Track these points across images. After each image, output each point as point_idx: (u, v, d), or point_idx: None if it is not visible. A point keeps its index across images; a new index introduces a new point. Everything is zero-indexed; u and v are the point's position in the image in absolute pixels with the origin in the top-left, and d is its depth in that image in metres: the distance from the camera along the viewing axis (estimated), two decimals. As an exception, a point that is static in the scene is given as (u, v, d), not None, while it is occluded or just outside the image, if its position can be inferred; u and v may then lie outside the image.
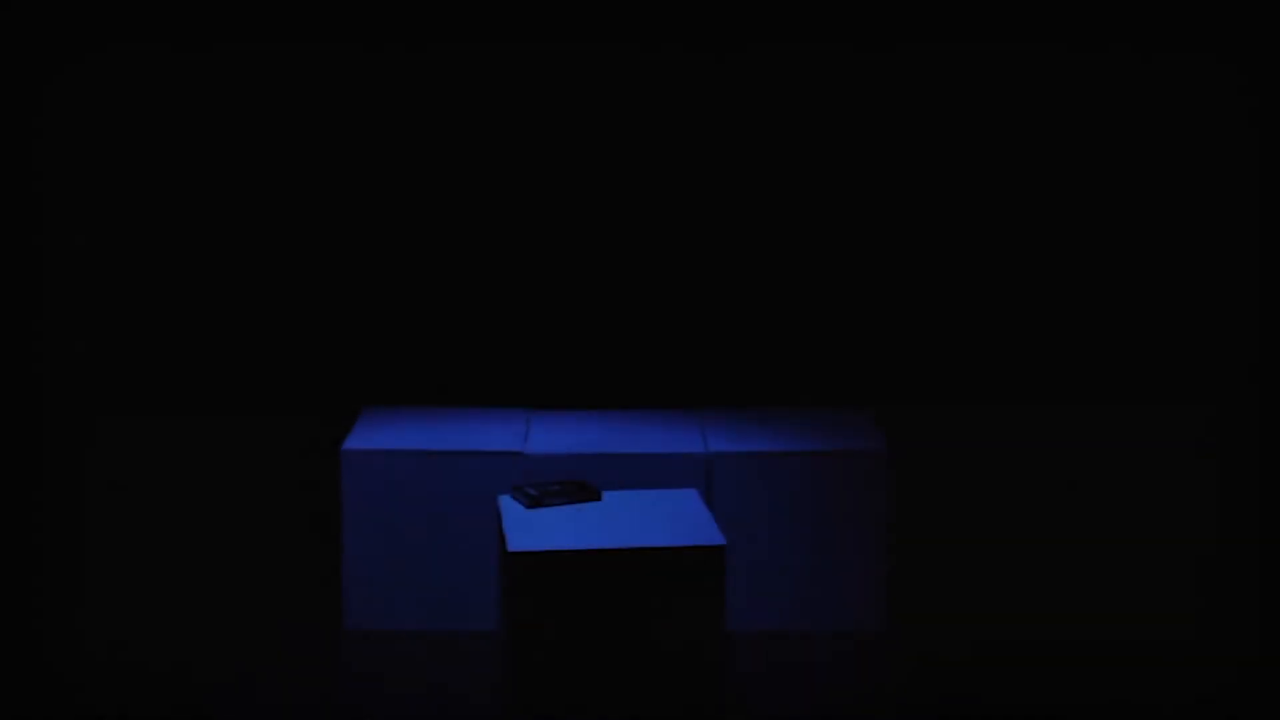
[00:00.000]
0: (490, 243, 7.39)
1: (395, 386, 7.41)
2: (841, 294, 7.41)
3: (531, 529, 5.51)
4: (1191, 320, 7.35)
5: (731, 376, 7.43)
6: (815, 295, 7.41)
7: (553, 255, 7.39)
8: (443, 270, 7.40)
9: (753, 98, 7.30)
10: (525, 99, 7.30)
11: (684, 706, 5.30)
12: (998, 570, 7.08)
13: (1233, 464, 7.28)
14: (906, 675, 6.21)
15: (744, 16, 7.22)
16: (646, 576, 5.30)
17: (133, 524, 7.34)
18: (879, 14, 7.20)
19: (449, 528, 6.54)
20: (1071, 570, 7.05)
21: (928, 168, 7.34)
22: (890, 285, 7.40)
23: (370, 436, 6.67)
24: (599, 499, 5.83)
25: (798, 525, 6.52)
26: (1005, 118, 7.30)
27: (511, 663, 5.34)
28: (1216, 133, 7.24)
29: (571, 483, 5.90)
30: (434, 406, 7.17)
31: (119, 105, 7.25)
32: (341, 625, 6.58)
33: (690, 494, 5.90)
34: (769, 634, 6.51)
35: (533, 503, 5.72)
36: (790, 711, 5.91)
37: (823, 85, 7.29)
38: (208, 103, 7.26)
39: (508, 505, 5.76)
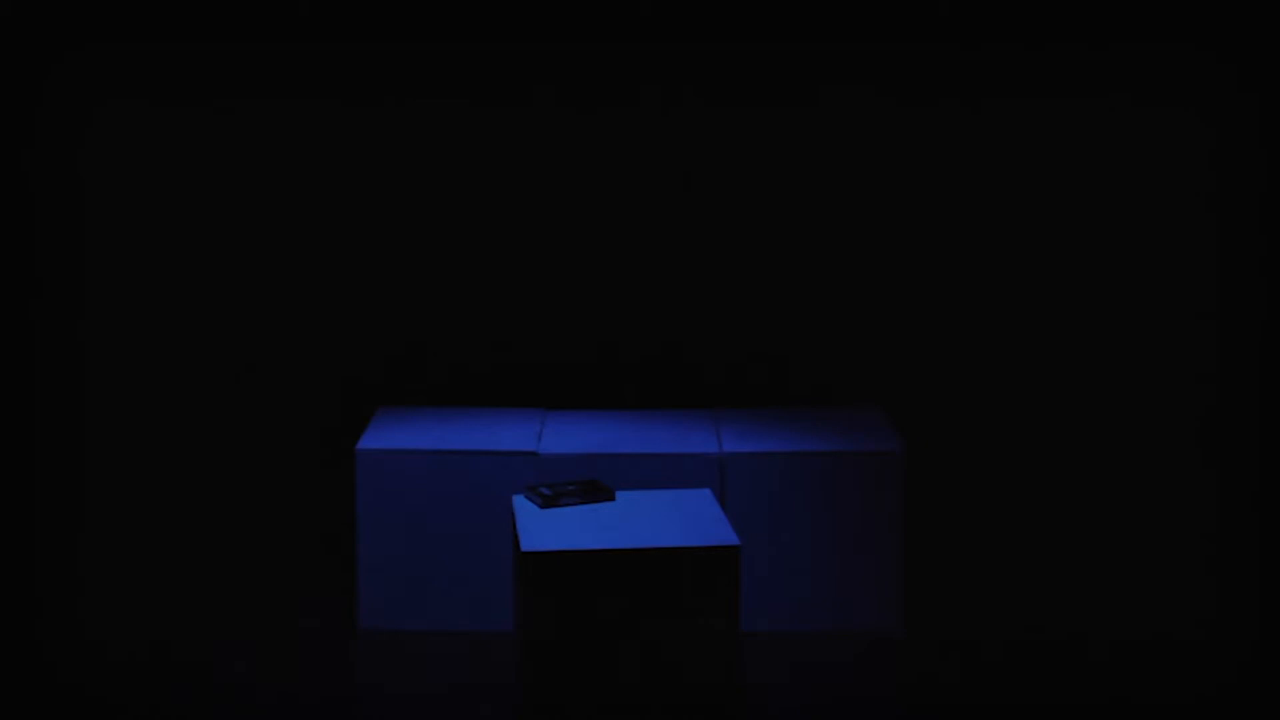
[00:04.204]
0: (505, 244, 7.39)
1: (409, 386, 7.42)
2: (853, 294, 7.41)
3: (545, 529, 5.51)
4: (1191, 319, 7.35)
5: (746, 376, 7.43)
6: (827, 295, 7.41)
7: (567, 256, 7.40)
8: (457, 270, 7.40)
9: (758, 101, 7.30)
10: (540, 101, 7.30)
11: (699, 707, 5.30)
12: (1008, 569, 7.08)
13: (1234, 464, 7.28)
14: (918, 674, 6.20)
15: (759, 18, 7.23)
16: (661, 577, 5.30)
17: (145, 525, 7.35)
18: (888, 20, 7.22)
19: (463, 528, 6.54)
20: (1079, 569, 7.05)
21: (935, 169, 7.35)
22: (902, 285, 7.40)
23: (384, 436, 6.68)
24: (613, 499, 5.83)
25: (812, 525, 6.52)
26: (1006, 117, 7.29)
27: (525, 663, 5.34)
28: (1217, 132, 7.24)
29: (585, 482, 5.90)
30: (448, 406, 7.18)
31: (125, 107, 7.26)
32: (356, 625, 6.59)
33: (704, 494, 5.90)
34: (782, 634, 6.51)
35: (546, 502, 5.72)
36: (804, 712, 5.91)
37: (824, 88, 7.29)
38: (216, 103, 7.27)
39: (521, 505, 5.76)
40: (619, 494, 5.90)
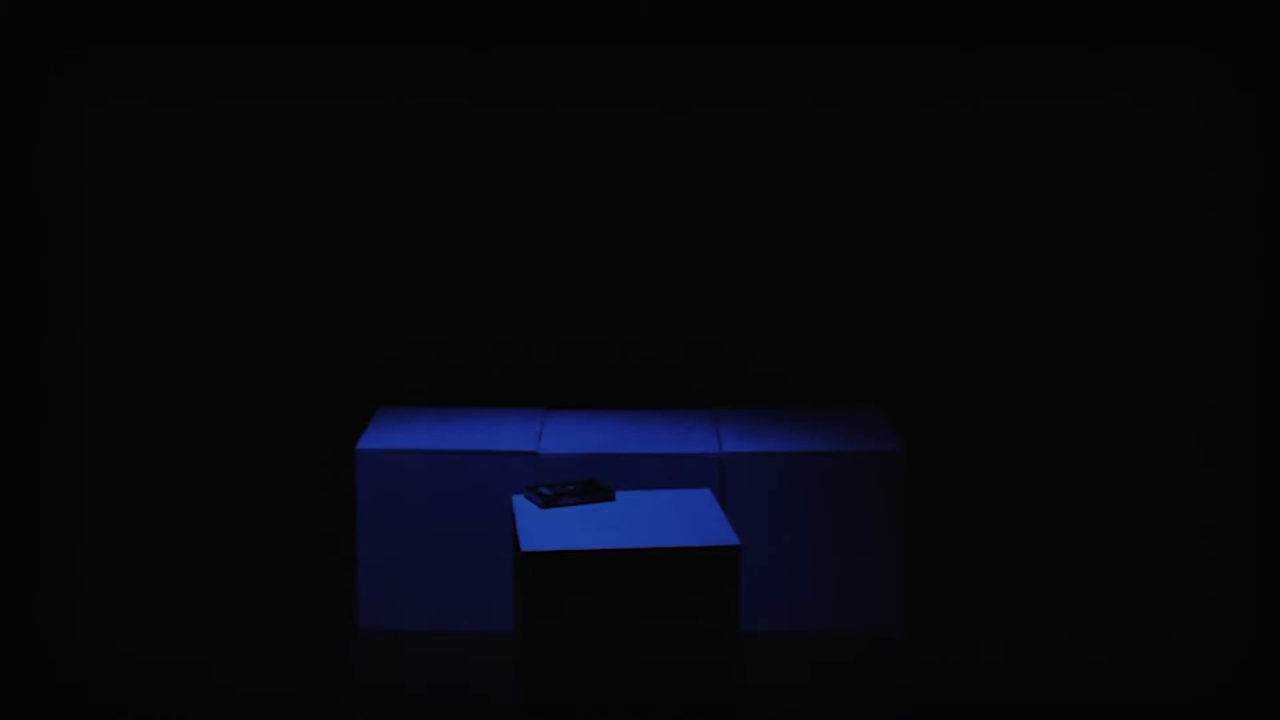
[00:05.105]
0: (506, 243, 7.39)
1: (409, 386, 7.41)
2: (854, 294, 7.41)
3: (545, 529, 5.51)
4: (1191, 319, 7.34)
5: (746, 376, 7.43)
6: (828, 295, 7.41)
7: (567, 256, 7.40)
8: (457, 270, 7.40)
9: (757, 101, 7.30)
10: (540, 100, 7.30)
11: (698, 708, 5.30)
12: (1008, 569, 7.08)
13: (1234, 464, 7.28)
14: (918, 674, 6.20)
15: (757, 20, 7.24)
16: (660, 577, 5.30)
17: (145, 525, 7.34)
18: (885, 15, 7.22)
19: (463, 528, 6.54)
20: (1079, 569, 7.05)
21: (935, 169, 7.35)
22: (902, 285, 7.40)
23: (385, 436, 6.67)
24: (613, 499, 5.82)
25: (812, 525, 6.52)
26: (1006, 117, 7.29)
27: (525, 663, 5.34)
28: (1217, 133, 7.24)
29: (585, 482, 5.90)
30: (448, 406, 7.17)
31: (124, 107, 7.26)
32: (356, 625, 6.59)
33: (704, 494, 5.90)
34: (782, 634, 6.51)
35: (546, 502, 5.72)
36: (804, 712, 5.90)
37: (824, 88, 7.28)
38: (216, 103, 7.27)
39: (521, 505, 5.76)
40: (619, 494, 5.90)
